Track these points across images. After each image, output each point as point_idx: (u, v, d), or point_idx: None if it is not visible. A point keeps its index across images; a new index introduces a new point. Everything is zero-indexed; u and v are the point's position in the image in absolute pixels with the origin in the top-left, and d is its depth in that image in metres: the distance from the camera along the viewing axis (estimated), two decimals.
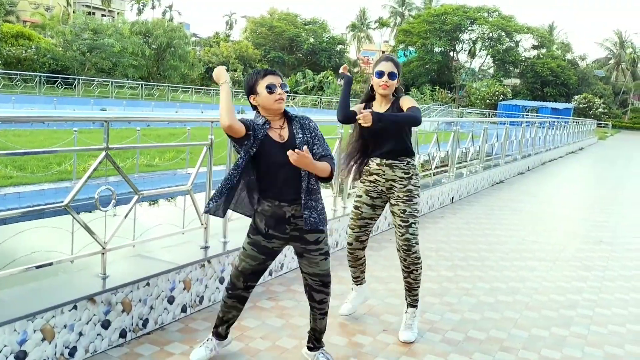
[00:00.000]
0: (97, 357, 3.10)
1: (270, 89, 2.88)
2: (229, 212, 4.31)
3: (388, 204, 3.74)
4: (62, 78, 35.12)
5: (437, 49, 66.86)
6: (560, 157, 20.53)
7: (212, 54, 60.48)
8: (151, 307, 3.45)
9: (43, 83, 33.01)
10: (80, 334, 3.02)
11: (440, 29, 63.05)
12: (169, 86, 41.47)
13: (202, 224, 4.08)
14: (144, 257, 3.79)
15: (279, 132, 2.93)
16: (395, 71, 3.57)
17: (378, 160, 3.65)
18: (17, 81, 32.62)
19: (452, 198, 9.03)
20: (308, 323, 3.23)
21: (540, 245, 6.65)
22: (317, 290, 3.07)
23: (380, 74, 3.54)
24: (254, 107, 2.99)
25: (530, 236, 7.08)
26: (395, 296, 4.43)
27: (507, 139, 13.29)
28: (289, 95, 51.24)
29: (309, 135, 2.95)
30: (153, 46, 47.60)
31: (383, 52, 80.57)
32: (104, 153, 3.26)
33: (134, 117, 4.33)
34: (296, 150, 2.71)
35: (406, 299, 3.75)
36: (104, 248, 3.32)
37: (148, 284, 3.41)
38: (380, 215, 3.81)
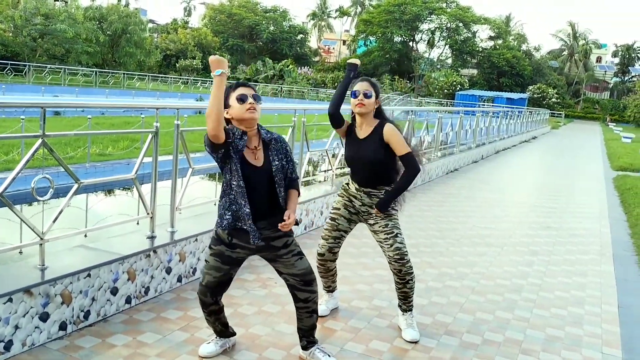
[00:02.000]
0: (35, 350, 3.02)
1: (241, 99, 2.82)
2: (178, 201, 4.28)
3: (365, 224, 3.66)
4: (11, 64, 33.86)
5: (397, 39, 67.32)
6: (514, 146, 21.01)
7: (170, 40, 59.30)
8: (93, 299, 3.37)
9: None
10: (17, 327, 2.92)
11: (400, 19, 63.43)
12: (124, 73, 40.48)
13: (148, 213, 4.00)
14: (87, 247, 3.69)
15: (254, 153, 2.88)
16: (371, 90, 3.49)
17: (357, 186, 3.58)
18: None
19: None
20: (257, 312, 3.22)
21: (490, 231, 6.80)
22: (301, 289, 2.99)
23: (355, 94, 3.48)
24: (228, 122, 2.89)
25: (481, 223, 7.23)
26: (345, 283, 4.45)
27: (461, 128, 13.50)
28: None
29: (284, 161, 2.95)
30: (108, 32, 46.28)
31: (344, 41, 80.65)
32: (40, 140, 3.15)
33: (70, 104, 4.17)
34: (285, 224, 2.80)
35: (401, 306, 3.62)
36: (41, 239, 3.22)
37: (89, 275, 3.32)
38: (352, 229, 3.73)
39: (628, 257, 6.17)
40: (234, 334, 3.25)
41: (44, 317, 3.07)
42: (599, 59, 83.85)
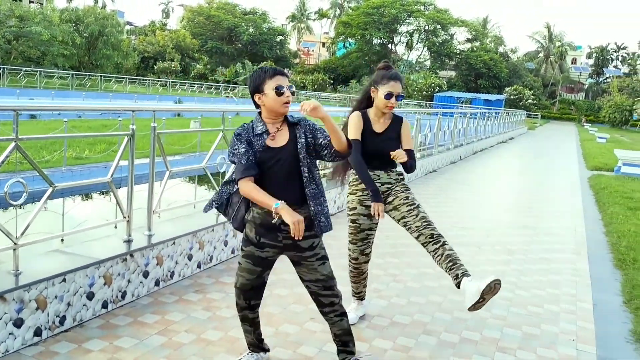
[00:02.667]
0: (10, 357, 2.97)
1: (279, 90, 2.72)
2: (155, 204, 4.25)
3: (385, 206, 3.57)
4: None
5: (376, 41, 67.76)
6: (492, 147, 21.25)
7: (148, 43, 58.83)
8: (68, 304, 3.32)
9: None
10: None
11: (379, 21, 63.83)
12: (101, 76, 40.00)
13: (125, 217, 3.97)
14: (62, 252, 3.64)
15: (275, 136, 2.78)
16: (403, 93, 3.55)
17: (370, 168, 3.53)
18: None
19: None
20: (236, 315, 3.21)
21: (467, 231, 6.86)
22: (323, 294, 2.90)
23: (389, 96, 3.45)
24: (257, 106, 2.82)
25: (460, 223, 7.29)
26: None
27: (439, 130, 13.61)
28: (228, 87, 50.60)
29: (310, 136, 2.79)
30: (84, 34, 45.70)
31: (323, 43, 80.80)
32: (13, 144, 3.11)
33: (45, 106, 4.09)
34: (302, 104, 2.60)
35: (459, 271, 3.21)
36: (15, 243, 3.17)
37: (64, 280, 3.28)
38: (377, 223, 3.69)
39: (602, 255, 6.27)
40: (267, 350, 3.16)
41: (18, 322, 3.02)
42: (574, 61, 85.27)
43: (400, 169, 3.60)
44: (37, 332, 3.14)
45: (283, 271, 4.38)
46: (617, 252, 6.27)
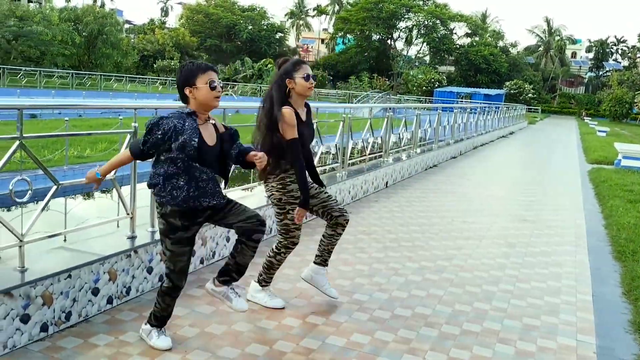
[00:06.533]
0: (17, 352, 3.01)
1: (212, 84, 2.92)
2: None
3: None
4: None
5: (375, 37, 67.70)
6: (492, 141, 21.27)
7: (147, 41, 58.81)
8: (74, 300, 3.37)
9: None
10: None
11: (378, 17, 63.77)
12: (101, 75, 40.04)
13: (128, 214, 4.01)
14: (67, 249, 3.69)
15: (209, 132, 2.99)
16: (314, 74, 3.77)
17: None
18: None
19: (387, 183, 9.21)
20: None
21: (468, 225, 6.90)
22: (257, 230, 3.12)
23: (308, 77, 3.63)
24: (185, 99, 2.98)
25: (460, 217, 7.33)
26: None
27: (439, 125, 13.64)
28: (228, 84, 50.57)
29: (227, 140, 3.08)
30: (83, 33, 45.66)
31: (322, 39, 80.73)
32: (17, 143, 3.15)
33: (48, 105, 4.12)
34: (254, 155, 3.07)
35: (325, 261, 3.98)
36: (21, 240, 3.21)
37: (70, 276, 3.32)
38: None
39: (602, 248, 6.31)
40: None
41: (25, 318, 3.07)
42: (573, 55, 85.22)
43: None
44: (44, 328, 3.19)
45: (284, 266, 4.43)
46: (616, 245, 6.30)
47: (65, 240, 4.20)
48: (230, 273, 3.24)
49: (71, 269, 3.34)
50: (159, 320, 3.20)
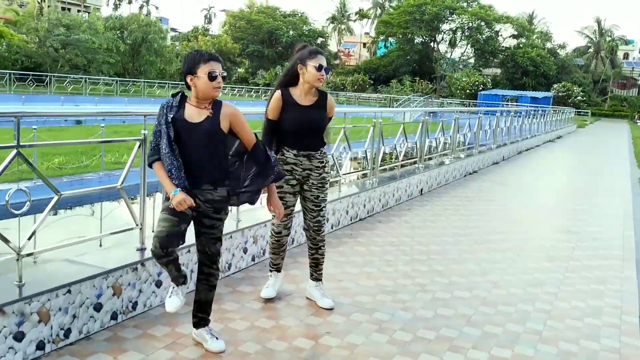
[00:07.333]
0: None
1: (211, 74, 2.95)
2: None
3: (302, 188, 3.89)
4: (33, 75, 34.37)
5: (417, 40, 66.84)
6: (538, 146, 20.51)
7: (190, 48, 59.73)
8: (74, 316, 3.21)
9: (14, 81, 32.24)
10: None
11: (420, 20, 62.91)
12: (145, 82, 40.81)
13: (137, 225, 3.85)
14: (71, 262, 3.54)
15: (201, 112, 3.04)
16: (328, 67, 3.75)
17: (295, 152, 3.75)
18: None
19: (421, 190, 8.86)
20: (249, 327, 3.19)
21: (506, 235, 6.51)
22: (208, 266, 3.21)
23: (320, 68, 3.64)
24: (188, 87, 3.05)
25: (498, 227, 6.94)
26: (345, 295, 4.23)
27: (480, 129, 13.16)
28: (268, 90, 50.84)
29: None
30: (128, 41, 46.77)
31: (364, 43, 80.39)
32: (14, 151, 3.02)
33: (47, 112, 3.98)
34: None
35: (312, 275, 4.00)
36: (18, 254, 3.08)
37: (69, 292, 3.17)
38: (297, 199, 3.93)
39: None
40: (186, 277, 3.27)
41: (19, 336, 2.92)
42: (626, 56, 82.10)
43: (322, 154, 3.81)
44: (40, 346, 3.03)
45: (328, 265, 4.19)
46: None
47: (72, 251, 4.05)
48: (195, 316, 3.27)
49: (70, 284, 3.18)
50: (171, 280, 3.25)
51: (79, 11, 55.69)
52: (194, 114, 3.00)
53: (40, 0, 53.75)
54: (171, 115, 2.98)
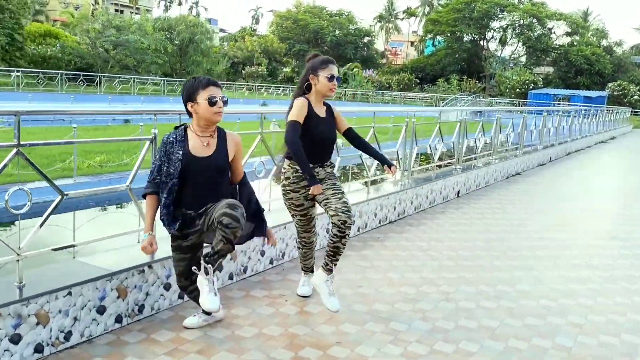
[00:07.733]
0: None
1: (211, 100, 2.98)
2: None
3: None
4: (84, 75, 35.47)
5: (466, 38, 65.48)
6: (589, 147, 19.69)
7: (237, 48, 60.53)
8: (75, 319, 3.14)
9: (65, 81, 33.33)
10: None
11: (469, 17, 61.64)
12: None
13: None
14: (76, 263, 3.49)
15: (207, 142, 3.10)
16: (340, 75, 3.72)
17: (311, 164, 3.61)
18: (39, 79, 32.96)
19: (458, 192, 8.55)
20: (259, 334, 3.18)
21: (544, 242, 6.15)
22: (228, 214, 2.98)
23: (332, 78, 3.61)
24: (190, 114, 3.09)
25: (539, 232, 6.58)
26: (362, 302, 4.03)
27: (524, 129, 12.66)
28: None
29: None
30: (175, 42, 47.69)
31: (412, 42, 79.46)
32: (14, 150, 2.97)
33: (48, 111, 3.94)
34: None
35: (327, 265, 3.62)
36: (18, 254, 3.03)
37: (70, 294, 3.10)
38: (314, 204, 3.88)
39: None
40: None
41: (15, 339, 2.86)
42: None
43: (334, 159, 3.92)
44: (38, 349, 2.97)
45: (346, 271, 4.01)
46: None
47: (75, 252, 4.01)
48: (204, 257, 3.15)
49: (71, 286, 3.11)
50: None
51: (131, 13, 57.13)
52: (199, 146, 3.06)
53: (94, 3, 55.52)
54: (180, 153, 3.04)
